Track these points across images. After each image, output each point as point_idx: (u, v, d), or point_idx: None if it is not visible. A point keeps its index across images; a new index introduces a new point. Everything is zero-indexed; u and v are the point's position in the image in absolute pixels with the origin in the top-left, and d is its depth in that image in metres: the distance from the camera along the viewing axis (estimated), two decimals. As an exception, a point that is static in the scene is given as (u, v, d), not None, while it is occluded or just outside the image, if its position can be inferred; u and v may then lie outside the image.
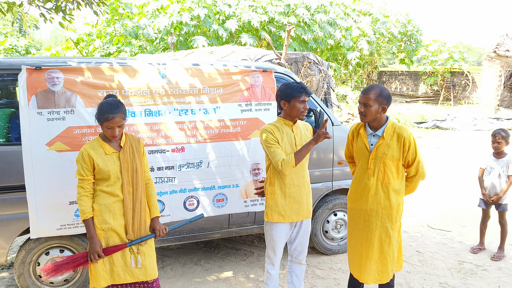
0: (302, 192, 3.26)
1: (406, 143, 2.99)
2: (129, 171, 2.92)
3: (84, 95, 3.41)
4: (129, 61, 3.76)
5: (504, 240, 4.76)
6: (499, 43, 18.49)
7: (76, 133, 3.39)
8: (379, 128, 3.08)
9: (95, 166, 2.83)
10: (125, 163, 2.91)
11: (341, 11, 18.43)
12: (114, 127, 2.79)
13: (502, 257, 4.68)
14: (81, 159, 2.83)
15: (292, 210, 3.24)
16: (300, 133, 3.27)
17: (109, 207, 2.87)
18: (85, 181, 2.84)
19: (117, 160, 2.89)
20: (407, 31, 23.10)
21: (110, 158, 2.87)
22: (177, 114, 3.72)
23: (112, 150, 2.89)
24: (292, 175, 3.20)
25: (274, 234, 3.28)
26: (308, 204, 3.33)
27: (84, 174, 2.83)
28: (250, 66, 4.07)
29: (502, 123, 14.46)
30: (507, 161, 4.58)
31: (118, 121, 2.79)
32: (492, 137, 4.65)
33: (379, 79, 26.54)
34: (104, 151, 2.87)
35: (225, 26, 13.96)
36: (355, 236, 3.23)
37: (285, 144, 3.16)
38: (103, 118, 2.78)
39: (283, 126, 3.21)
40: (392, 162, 3.03)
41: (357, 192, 3.19)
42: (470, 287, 4.07)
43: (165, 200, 3.75)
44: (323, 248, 4.63)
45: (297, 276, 3.51)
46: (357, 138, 3.21)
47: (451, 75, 22.93)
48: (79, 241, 3.61)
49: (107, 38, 15.97)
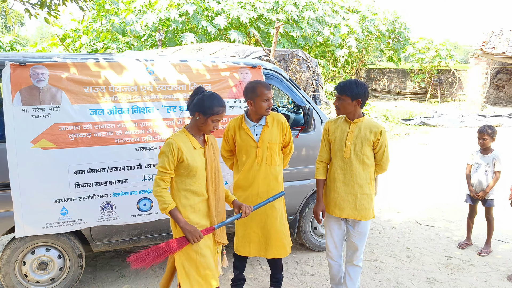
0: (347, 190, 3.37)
1: (284, 128, 3.49)
2: (213, 168, 2.84)
3: (69, 92, 3.36)
4: (115, 57, 3.71)
5: (491, 235, 4.81)
6: (485, 41, 18.71)
7: (62, 130, 3.33)
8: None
9: (184, 160, 2.69)
10: (210, 160, 2.82)
11: (329, 9, 18.45)
12: (219, 121, 2.75)
13: (489, 252, 4.74)
14: (170, 151, 2.65)
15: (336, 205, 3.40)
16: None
17: (194, 207, 2.79)
18: (168, 174, 2.69)
19: (202, 156, 2.79)
20: (395, 29, 23.21)
21: (197, 154, 2.76)
22: (165, 111, 3.69)
23: (199, 145, 2.79)
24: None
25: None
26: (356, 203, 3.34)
27: (168, 167, 2.67)
28: (239, 62, 4.04)
29: (489, 120, 14.64)
30: (493, 157, 4.63)
31: (224, 116, 2.76)
32: (478, 134, 4.70)
33: (367, 77, 26.68)
34: (192, 145, 2.75)
35: (214, 23, 13.88)
36: (249, 222, 3.45)
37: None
38: (213, 111, 2.68)
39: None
40: (276, 146, 3.45)
41: (248, 180, 3.45)
42: (457, 282, 4.11)
43: (153, 198, 3.71)
44: (312, 245, 4.64)
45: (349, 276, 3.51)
46: (239, 131, 3.43)
47: (438, 73, 23.14)
48: (66, 240, 3.56)
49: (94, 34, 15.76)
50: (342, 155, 3.30)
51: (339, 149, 3.32)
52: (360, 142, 3.24)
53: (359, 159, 3.25)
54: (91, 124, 3.42)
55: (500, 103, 21.10)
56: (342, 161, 3.30)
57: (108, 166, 3.51)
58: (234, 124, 3.47)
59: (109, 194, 3.56)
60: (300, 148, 4.24)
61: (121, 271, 4.23)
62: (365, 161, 3.26)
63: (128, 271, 4.22)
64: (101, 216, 3.56)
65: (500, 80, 21.46)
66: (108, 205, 3.57)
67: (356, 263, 3.46)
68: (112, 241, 3.74)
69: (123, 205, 3.62)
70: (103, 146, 3.47)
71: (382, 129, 3.26)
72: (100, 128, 3.45)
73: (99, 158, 3.47)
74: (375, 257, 4.64)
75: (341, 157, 3.31)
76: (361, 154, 3.25)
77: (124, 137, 3.54)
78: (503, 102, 21.16)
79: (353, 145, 3.25)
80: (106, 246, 3.76)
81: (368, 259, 4.54)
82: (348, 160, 3.27)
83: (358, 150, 3.25)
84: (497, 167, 4.61)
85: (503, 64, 20.06)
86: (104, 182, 3.52)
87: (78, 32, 16.16)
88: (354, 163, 3.26)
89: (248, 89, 3.37)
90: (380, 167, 3.37)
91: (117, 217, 3.62)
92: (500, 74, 21.38)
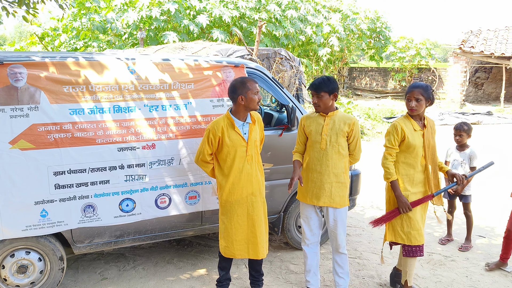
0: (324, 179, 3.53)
1: (262, 125, 3.61)
2: (429, 147, 3.54)
3: (49, 91, 3.29)
4: (96, 55, 3.65)
5: (470, 230, 4.91)
6: (464, 40, 19.06)
7: (41, 130, 3.26)
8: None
9: (406, 139, 3.43)
10: (427, 140, 3.53)
11: (311, 8, 18.53)
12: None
13: (470, 248, 4.83)
14: (395, 131, 3.45)
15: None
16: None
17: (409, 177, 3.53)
18: (394, 150, 3.47)
19: (421, 137, 3.50)
20: (376, 28, 23.45)
21: (417, 135, 3.48)
22: (147, 110, 3.64)
23: (419, 127, 3.49)
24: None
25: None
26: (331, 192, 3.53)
27: (394, 144, 3.45)
28: (222, 61, 4.02)
29: (468, 118, 14.92)
30: (470, 154, 4.74)
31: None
32: (455, 131, 4.83)
33: (349, 75, 26.90)
34: (413, 127, 3.46)
35: (196, 21, 13.80)
36: (235, 223, 3.47)
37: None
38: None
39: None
40: (258, 143, 3.54)
41: (240, 182, 3.43)
42: (439, 277, 4.18)
43: (136, 198, 3.67)
44: (297, 243, 4.65)
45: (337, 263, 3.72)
46: (229, 132, 3.39)
47: (418, 71, 23.46)
48: (46, 242, 3.49)
49: (74, 33, 15.50)
50: (319, 146, 3.48)
51: (315, 141, 3.51)
52: (335, 133, 3.45)
53: (335, 150, 3.46)
54: (71, 124, 3.36)
55: (479, 101, 21.52)
56: (319, 152, 3.50)
57: (89, 166, 3.45)
58: (222, 124, 3.39)
59: (90, 195, 3.50)
60: (283, 147, 4.24)
61: (103, 273, 4.17)
62: (340, 151, 3.48)
63: (111, 273, 4.17)
64: (82, 218, 3.50)
65: (478, 78, 21.89)
66: (90, 207, 3.51)
67: (342, 251, 3.64)
68: (94, 243, 3.68)
69: (105, 206, 3.57)
70: (84, 146, 3.41)
71: (355, 121, 3.50)
72: (81, 128, 3.39)
73: (80, 159, 3.41)
74: (358, 254, 4.68)
75: (317, 149, 3.50)
76: (336, 145, 3.45)
77: (105, 137, 3.48)
78: (481, 100, 21.59)
79: (328, 136, 3.46)
80: (88, 248, 3.69)
81: (351, 256, 4.57)
82: (324, 151, 3.47)
83: (333, 141, 3.45)
84: (473, 163, 4.71)
85: (482, 62, 20.48)
86: (85, 183, 3.46)
87: (57, 30, 15.85)
88: (330, 153, 3.46)
89: (237, 85, 3.38)
90: (353, 157, 3.60)
91: (98, 219, 3.56)
92: (479, 73, 21.80)
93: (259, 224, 3.49)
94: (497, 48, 17.99)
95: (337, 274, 3.70)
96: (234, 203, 3.45)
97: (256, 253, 3.51)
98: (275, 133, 4.20)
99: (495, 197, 6.64)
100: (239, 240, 3.50)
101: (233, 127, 3.39)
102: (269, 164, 4.20)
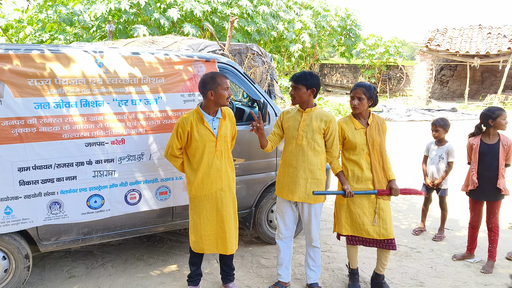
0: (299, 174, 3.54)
1: (234, 121, 3.61)
2: (374, 145, 3.62)
3: (12, 84, 3.17)
4: (62, 48, 3.54)
5: (444, 222, 5.14)
6: (430, 38, 19.58)
7: (4, 125, 3.15)
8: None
9: (346, 137, 3.60)
10: (370, 138, 3.58)
11: (283, 4, 18.59)
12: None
13: (443, 238, 5.04)
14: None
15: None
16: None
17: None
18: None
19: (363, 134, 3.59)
20: (346, 25, 23.80)
21: (358, 133, 3.59)
22: (117, 105, 3.57)
23: (361, 126, 3.57)
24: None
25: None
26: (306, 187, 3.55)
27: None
28: (193, 56, 3.99)
29: (433, 114, 15.35)
30: (447, 149, 4.92)
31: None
32: (432, 126, 5.01)
33: (321, 72, 27.19)
34: (354, 126, 3.56)
35: (167, 15, 13.60)
36: (205, 219, 3.46)
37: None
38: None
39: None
40: (228, 138, 3.52)
41: (209, 177, 3.41)
42: (405, 268, 4.30)
43: (104, 194, 3.60)
44: (268, 238, 4.68)
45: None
46: (198, 126, 3.36)
47: (387, 69, 23.96)
48: (10, 240, 3.38)
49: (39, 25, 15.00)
50: (295, 142, 3.52)
51: (292, 136, 3.55)
52: (312, 130, 3.48)
53: (311, 146, 3.50)
54: (36, 118, 3.25)
55: (444, 98, 22.18)
56: (295, 148, 3.53)
57: (55, 162, 3.36)
58: (191, 118, 3.37)
59: (57, 191, 3.41)
60: (254, 142, 4.24)
61: (71, 271, 4.08)
62: (316, 148, 3.51)
63: (78, 271, 4.08)
64: (48, 215, 3.41)
65: (444, 76, 22.55)
66: (56, 203, 3.42)
67: (315, 245, 3.71)
68: (60, 241, 3.59)
69: (71, 203, 3.48)
70: (49, 141, 3.32)
71: (332, 118, 3.52)
72: (46, 123, 3.30)
73: (45, 154, 3.32)
74: (328, 247, 4.76)
75: (294, 144, 3.53)
76: (312, 142, 3.49)
77: (72, 132, 3.40)
78: (446, 97, 22.25)
79: (305, 132, 3.49)
80: (55, 246, 3.60)
81: (322, 250, 4.64)
82: (300, 146, 3.51)
83: (309, 138, 3.48)
84: (450, 158, 4.88)
85: (447, 60, 21.08)
86: (51, 179, 3.37)
87: (22, 22, 15.29)
88: (306, 149, 3.50)
89: (207, 80, 3.36)
90: (330, 154, 3.62)
91: (65, 216, 3.48)
92: (444, 70, 22.46)
93: (228, 219, 3.50)
94: (462, 46, 18.57)
95: (309, 267, 3.77)
96: (203, 198, 3.44)
97: (225, 248, 3.52)
98: (246, 128, 4.21)
99: (457, 192, 6.87)
100: (208, 235, 3.49)
101: (203, 121, 3.37)
102: (241, 159, 4.21)
